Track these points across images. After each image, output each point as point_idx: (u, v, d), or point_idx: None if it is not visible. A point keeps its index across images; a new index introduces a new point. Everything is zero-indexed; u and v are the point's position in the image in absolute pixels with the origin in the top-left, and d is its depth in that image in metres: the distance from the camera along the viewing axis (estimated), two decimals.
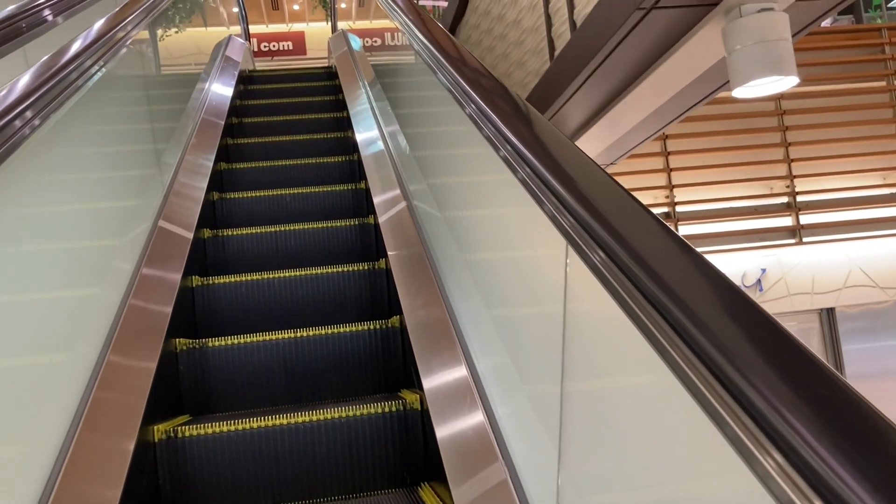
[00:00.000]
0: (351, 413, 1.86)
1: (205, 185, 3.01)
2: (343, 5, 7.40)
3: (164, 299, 2.13)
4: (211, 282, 2.47)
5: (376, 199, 2.92)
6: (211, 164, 3.23)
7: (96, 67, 1.93)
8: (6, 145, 1.32)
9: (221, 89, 4.31)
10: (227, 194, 3.19)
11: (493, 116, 1.48)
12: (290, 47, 15.95)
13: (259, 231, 2.82)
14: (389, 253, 2.52)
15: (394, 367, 2.24)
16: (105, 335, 1.83)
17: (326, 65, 6.03)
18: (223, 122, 3.78)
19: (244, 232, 2.82)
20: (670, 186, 7.34)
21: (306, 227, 2.86)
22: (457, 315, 1.96)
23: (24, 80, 1.52)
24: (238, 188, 3.33)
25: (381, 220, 2.78)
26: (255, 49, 15.19)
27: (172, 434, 1.79)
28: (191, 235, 2.55)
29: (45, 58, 1.70)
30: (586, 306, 1.11)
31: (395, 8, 2.86)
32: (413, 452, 1.88)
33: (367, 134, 3.63)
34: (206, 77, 4.26)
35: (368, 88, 4.17)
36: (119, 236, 2.12)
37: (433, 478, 1.83)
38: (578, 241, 1.00)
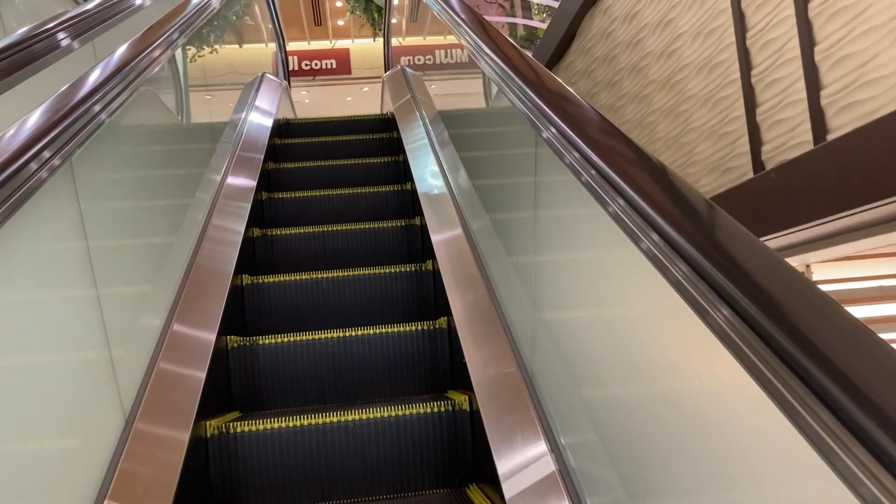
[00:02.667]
0: (400, 412, 1.87)
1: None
2: (393, 20, 6.78)
3: None
4: None
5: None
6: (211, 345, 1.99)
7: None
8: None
9: (240, 181, 3.06)
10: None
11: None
12: (334, 66, 15.23)
13: None
14: None
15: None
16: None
17: (381, 113, 4.89)
18: (236, 254, 2.47)
19: None
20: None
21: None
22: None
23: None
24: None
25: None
26: (296, 67, 14.39)
27: (224, 430, 1.81)
28: None
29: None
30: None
31: (492, 53, 2.03)
32: (462, 453, 1.88)
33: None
34: (221, 157, 3.06)
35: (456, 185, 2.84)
36: None
37: (481, 479, 1.83)
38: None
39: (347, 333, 2.22)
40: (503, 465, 1.54)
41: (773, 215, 2.41)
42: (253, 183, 3.07)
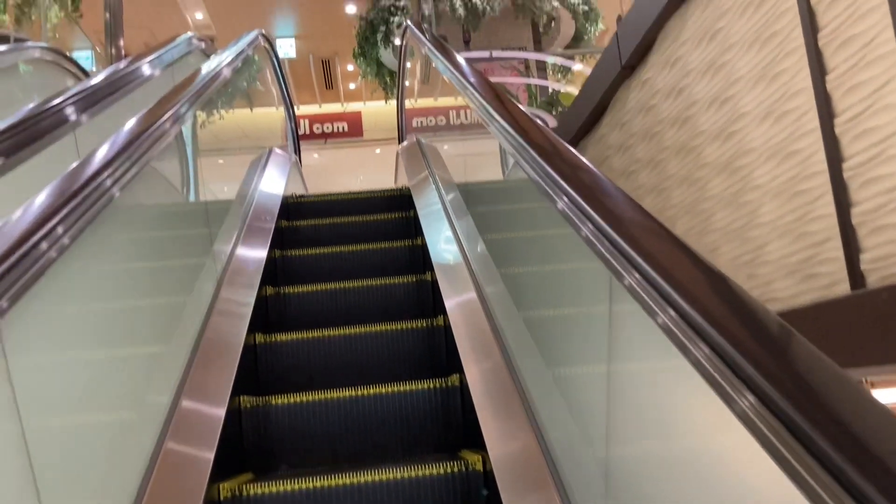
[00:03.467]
0: (413, 474, 1.86)
1: None
2: (406, 83, 6.59)
3: None
4: None
5: None
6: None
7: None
8: None
9: (243, 280, 2.75)
10: None
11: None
12: (346, 128, 15.18)
13: None
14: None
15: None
16: None
17: (396, 187, 4.49)
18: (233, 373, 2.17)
19: None
20: None
21: None
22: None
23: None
24: None
25: None
26: (307, 131, 14.50)
27: (238, 492, 1.81)
28: None
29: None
30: None
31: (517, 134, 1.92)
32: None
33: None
34: (225, 242, 2.92)
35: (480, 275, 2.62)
36: None
37: None
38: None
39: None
40: None
41: (878, 345, 1.97)
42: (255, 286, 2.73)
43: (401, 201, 4.00)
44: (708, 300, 0.93)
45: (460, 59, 3.15)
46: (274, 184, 4.06)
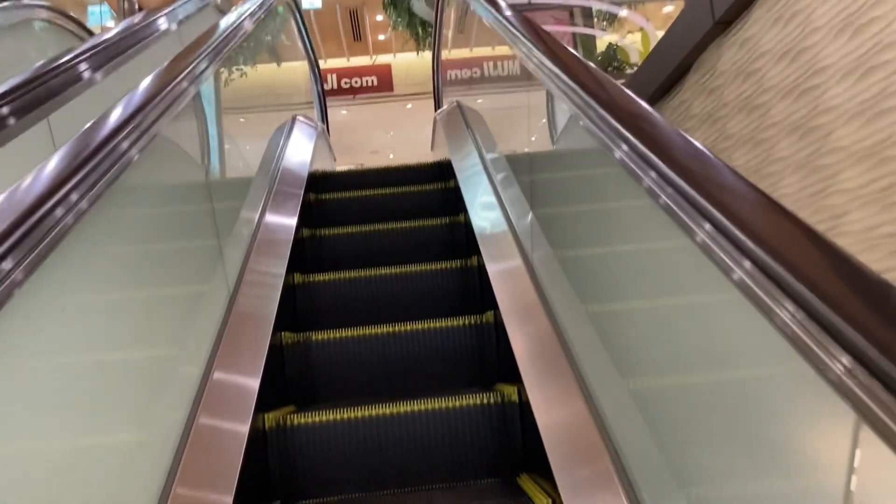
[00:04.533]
0: (450, 405, 1.91)
1: None
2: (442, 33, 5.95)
3: None
4: None
5: None
6: None
7: None
8: None
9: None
10: None
11: None
12: (375, 83, 14.57)
13: None
14: None
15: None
16: None
17: (434, 161, 4.04)
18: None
19: None
20: None
21: None
22: None
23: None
24: None
25: None
26: (335, 86, 13.98)
27: (282, 422, 1.89)
28: None
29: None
30: None
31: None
32: (511, 443, 1.90)
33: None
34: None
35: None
36: None
37: (532, 469, 1.83)
38: None
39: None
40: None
41: None
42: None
43: (441, 174, 3.61)
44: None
45: (504, 2, 2.72)
46: (297, 160, 3.51)
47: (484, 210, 2.80)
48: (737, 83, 3.12)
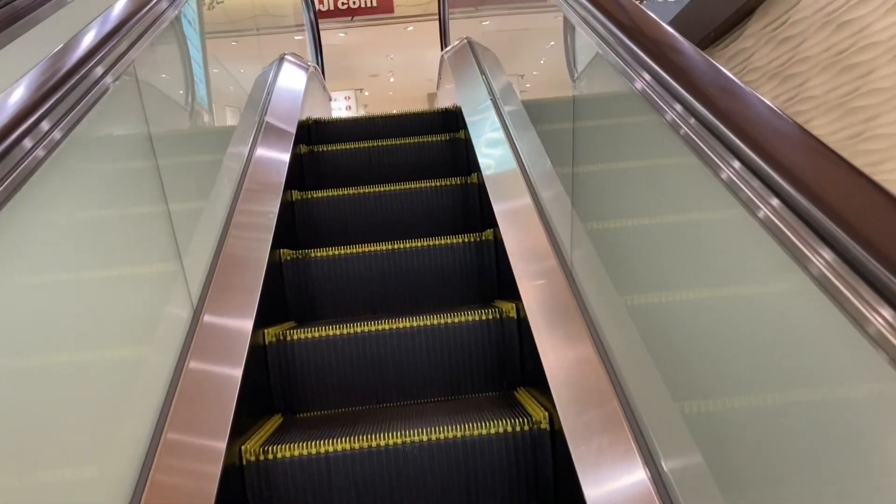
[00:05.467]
0: (449, 320, 1.92)
1: None
2: None
3: None
4: None
5: None
6: None
7: None
8: None
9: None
10: None
11: None
12: (374, 3, 14.37)
13: None
14: None
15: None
16: None
17: (442, 108, 3.58)
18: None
19: None
20: None
21: None
22: None
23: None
24: None
25: None
26: (331, 7, 13.62)
27: (282, 337, 1.90)
28: None
29: None
30: None
31: None
32: (509, 359, 1.92)
33: None
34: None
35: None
36: None
37: (529, 384, 1.86)
38: None
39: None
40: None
41: None
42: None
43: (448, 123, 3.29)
44: None
45: None
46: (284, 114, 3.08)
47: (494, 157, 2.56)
48: (822, 34, 2.44)
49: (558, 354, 1.59)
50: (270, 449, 1.52)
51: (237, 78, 3.24)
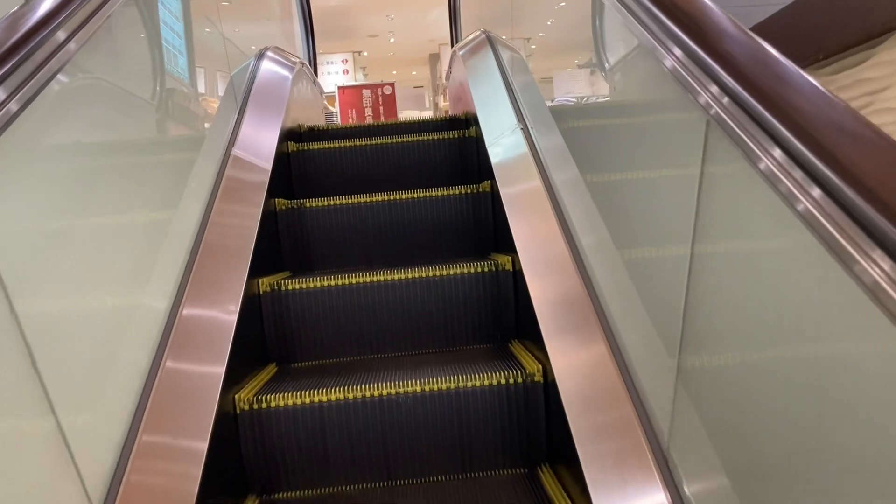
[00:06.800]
0: (446, 272, 1.91)
1: None
2: None
3: None
4: None
5: None
6: None
7: None
8: None
9: None
10: None
11: None
12: None
13: None
14: None
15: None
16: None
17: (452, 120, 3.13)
18: None
19: None
20: None
21: None
22: None
23: None
24: None
25: None
26: None
27: (276, 287, 1.89)
28: None
29: None
30: None
31: None
32: (504, 311, 1.92)
33: None
34: None
35: None
36: None
37: (523, 337, 1.86)
38: None
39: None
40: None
41: None
42: None
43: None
44: None
45: None
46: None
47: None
48: None
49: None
50: (264, 398, 1.52)
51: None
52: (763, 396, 0.87)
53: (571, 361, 1.44)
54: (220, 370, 1.41)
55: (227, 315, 1.55)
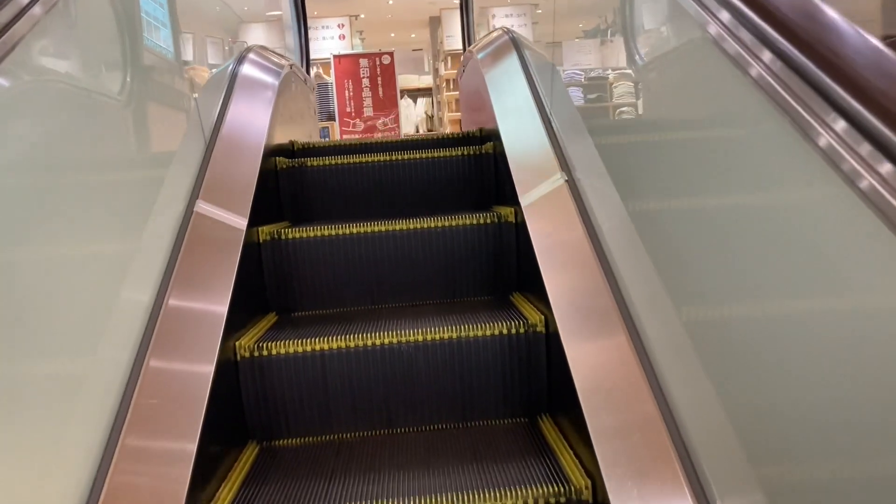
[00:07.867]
0: (448, 223, 1.89)
1: None
2: None
3: None
4: None
5: None
6: None
7: None
8: None
9: None
10: None
11: None
12: None
13: None
14: None
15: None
16: None
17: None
18: None
19: None
20: None
21: None
22: None
23: None
24: None
25: None
26: None
27: (276, 235, 1.88)
28: None
29: None
30: None
31: None
32: (507, 262, 1.91)
33: None
34: None
35: None
36: None
37: (526, 290, 1.84)
38: None
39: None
40: None
41: None
42: None
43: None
44: None
45: None
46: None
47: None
48: None
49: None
50: (265, 345, 1.52)
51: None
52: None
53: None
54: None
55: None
